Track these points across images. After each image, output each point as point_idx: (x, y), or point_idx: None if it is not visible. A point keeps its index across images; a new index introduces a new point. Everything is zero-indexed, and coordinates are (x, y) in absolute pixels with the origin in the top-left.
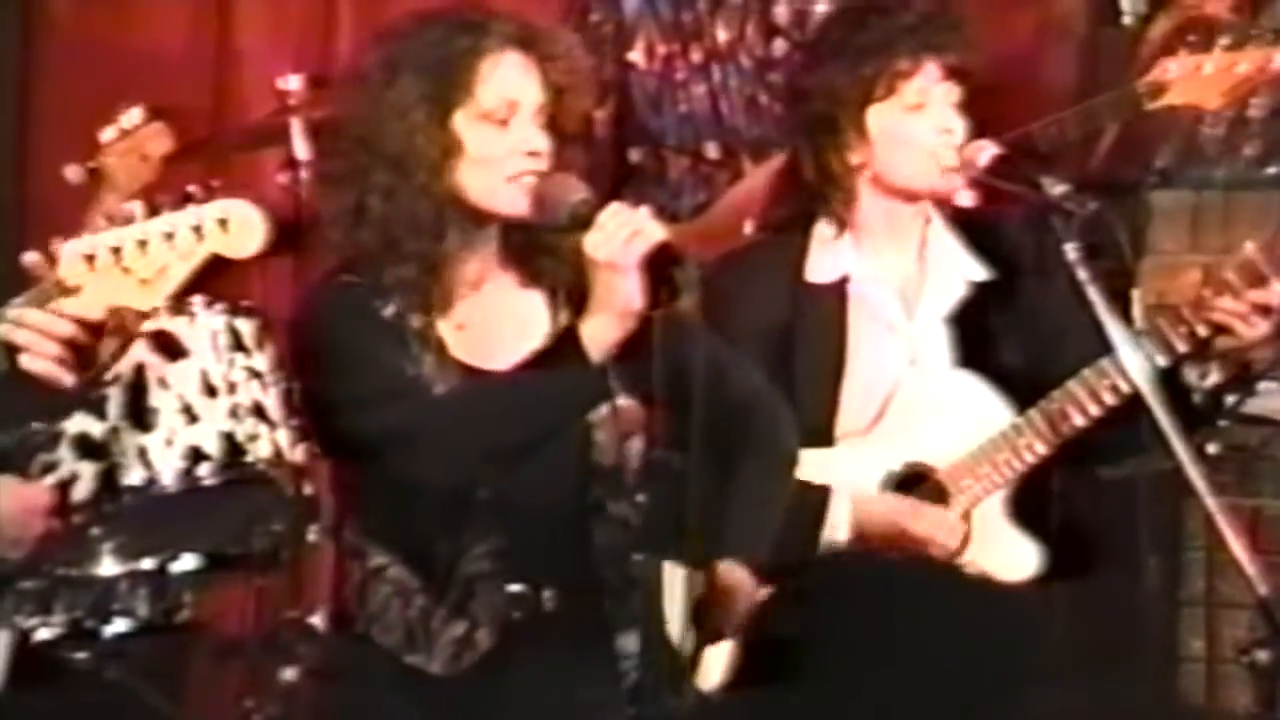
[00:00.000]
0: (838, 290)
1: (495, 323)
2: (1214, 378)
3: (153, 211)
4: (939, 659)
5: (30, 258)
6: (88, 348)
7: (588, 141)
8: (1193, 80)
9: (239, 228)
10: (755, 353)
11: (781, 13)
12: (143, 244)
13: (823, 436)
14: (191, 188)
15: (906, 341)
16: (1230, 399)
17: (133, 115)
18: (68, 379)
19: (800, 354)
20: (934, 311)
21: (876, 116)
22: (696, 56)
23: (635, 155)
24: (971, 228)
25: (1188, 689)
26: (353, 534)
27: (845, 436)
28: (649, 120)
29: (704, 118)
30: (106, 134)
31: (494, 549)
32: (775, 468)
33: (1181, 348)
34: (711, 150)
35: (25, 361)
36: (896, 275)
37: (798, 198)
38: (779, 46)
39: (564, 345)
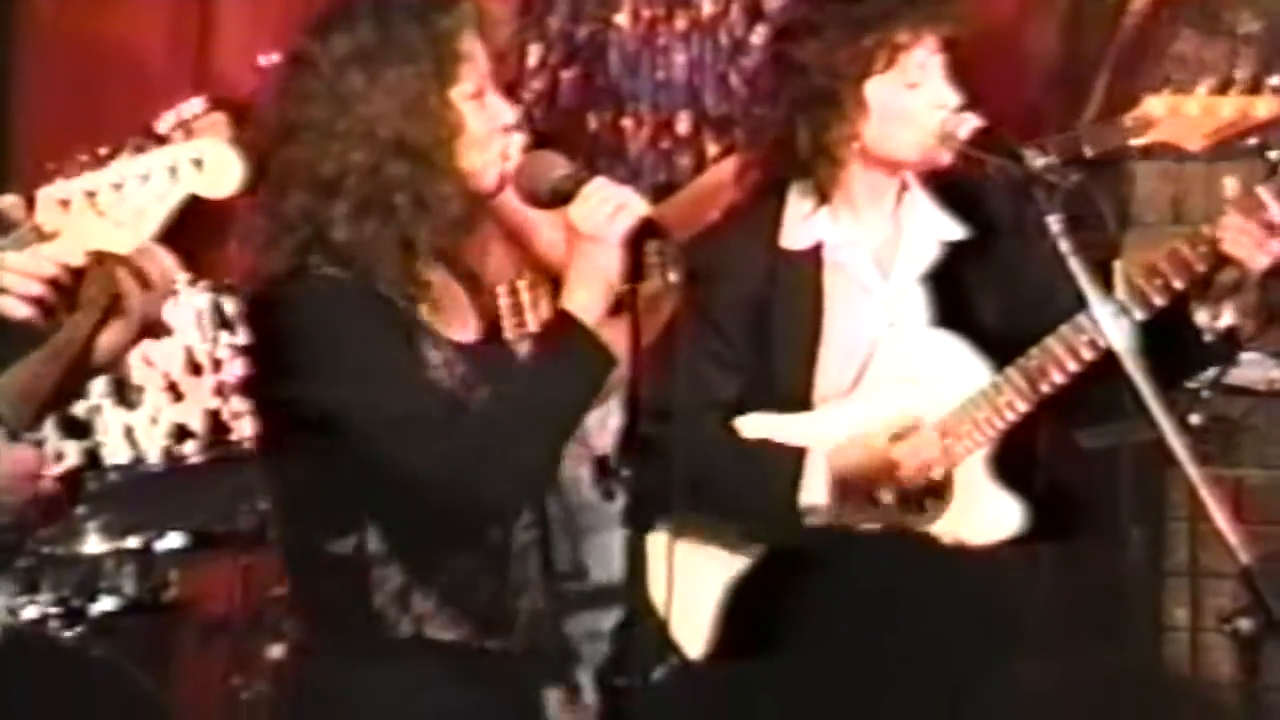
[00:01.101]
0: (813, 256)
1: (455, 294)
2: (1228, 319)
3: (129, 152)
4: (924, 630)
5: (7, 200)
6: (69, 291)
7: (550, 104)
8: (1176, 120)
9: (215, 167)
10: (732, 322)
11: (770, 3)
12: (118, 186)
13: (801, 401)
14: (163, 128)
15: (883, 303)
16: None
17: (193, 104)
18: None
19: (777, 321)
20: (909, 272)
21: (875, 89)
22: (680, 24)
23: (593, 123)
24: (945, 188)
25: (1171, 658)
26: (379, 540)
27: (825, 399)
28: (623, 83)
29: (679, 87)
30: (164, 123)
31: (533, 517)
32: None
33: (1158, 300)
34: (682, 122)
35: (5, 305)
36: (871, 238)
37: (775, 171)
38: (759, 33)
39: (565, 327)
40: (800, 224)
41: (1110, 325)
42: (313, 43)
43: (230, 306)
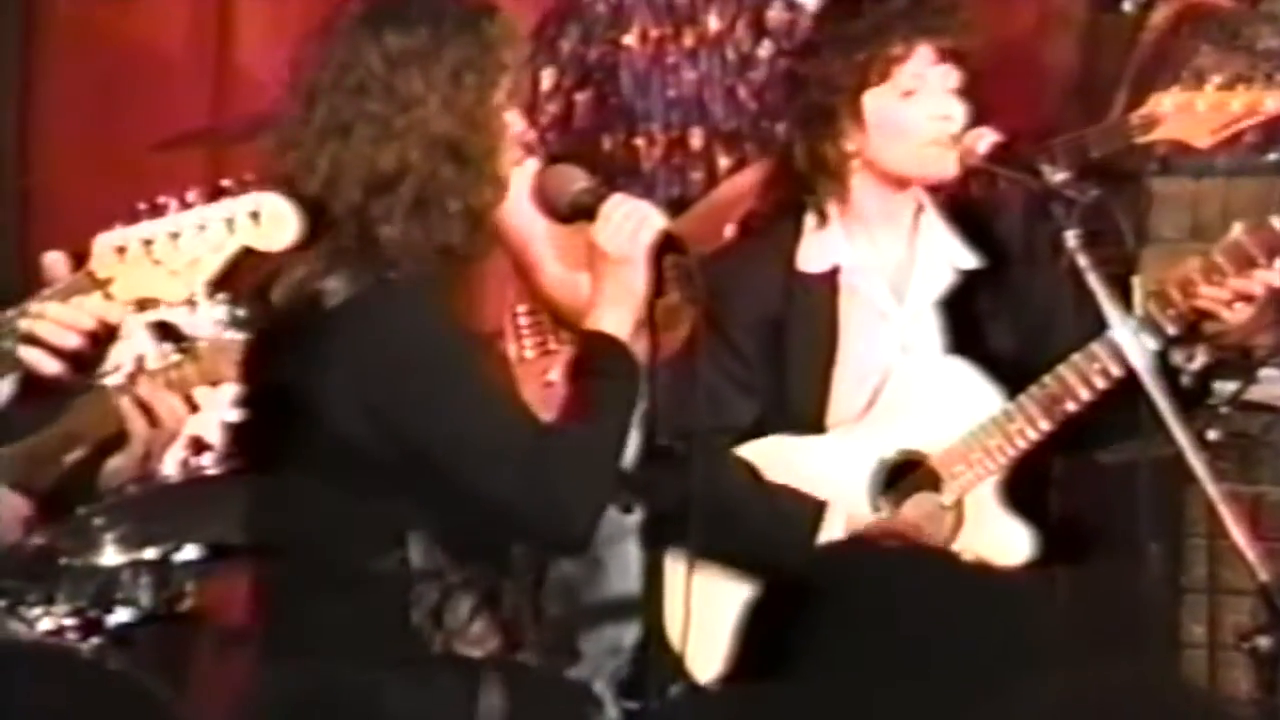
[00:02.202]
0: (829, 280)
1: None
2: (1200, 360)
3: (185, 204)
4: (939, 649)
5: (50, 256)
6: (103, 345)
7: (565, 127)
8: (1185, 117)
9: (271, 221)
10: (749, 342)
11: (774, 16)
12: (175, 236)
13: (814, 426)
14: (225, 181)
15: (898, 328)
16: (1224, 383)
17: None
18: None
19: (792, 344)
20: (924, 297)
21: (872, 102)
22: (688, 41)
23: (608, 143)
24: (963, 215)
25: (1189, 675)
26: (421, 555)
27: (837, 424)
28: (635, 103)
29: (691, 104)
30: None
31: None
32: None
33: (1171, 330)
34: (695, 138)
35: (36, 359)
36: (887, 262)
37: (788, 188)
38: (765, 47)
39: (605, 347)
40: (816, 246)
41: (1129, 341)
42: (362, 38)
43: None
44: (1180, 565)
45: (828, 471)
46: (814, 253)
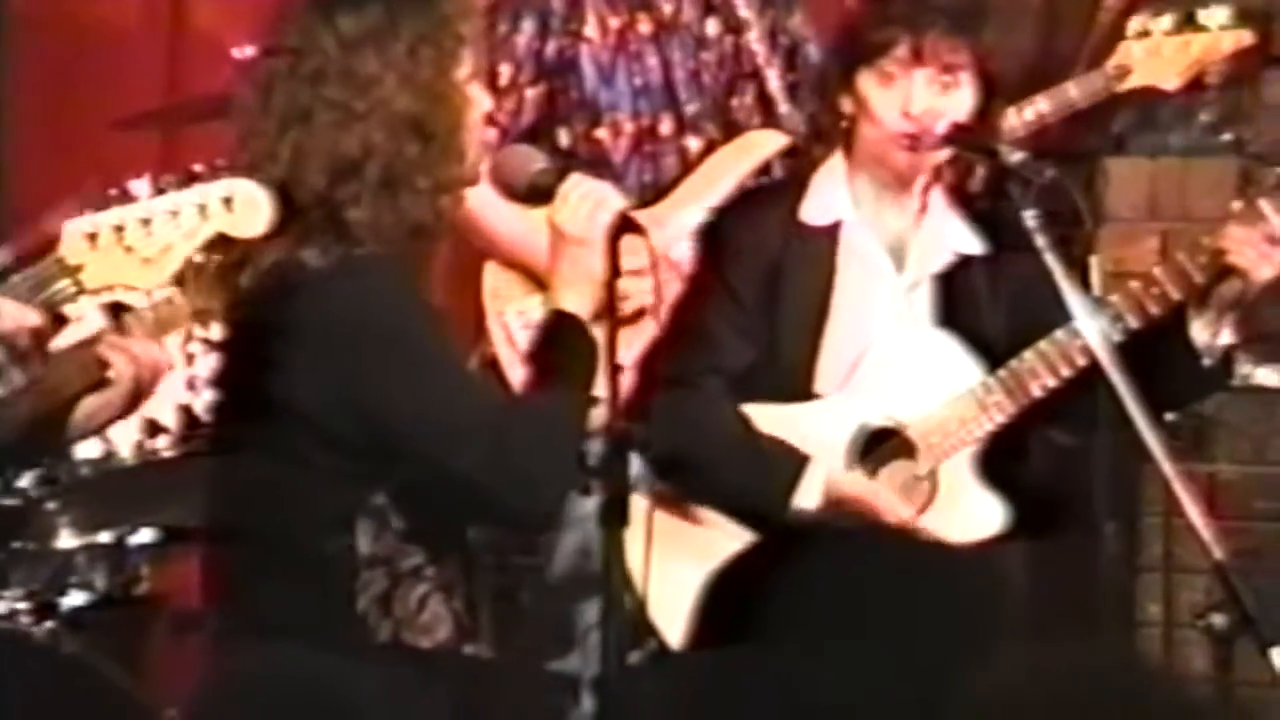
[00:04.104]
0: (830, 233)
1: None
2: (1226, 338)
3: (158, 190)
4: (902, 622)
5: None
6: (32, 349)
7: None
8: (1153, 61)
9: (244, 207)
10: (745, 289)
11: None
12: (146, 222)
13: (803, 376)
14: (197, 166)
15: (893, 292)
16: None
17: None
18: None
19: (788, 291)
20: (922, 268)
21: (863, 80)
22: (646, 28)
23: (565, 138)
24: (968, 204)
25: (1145, 653)
26: (369, 542)
27: (828, 376)
28: (599, 94)
29: (658, 90)
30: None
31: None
32: None
33: (1154, 310)
34: (665, 124)
35: None
36: (889, 228)
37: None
38: (711, 25)
39: (568, 327)
40: (822, 199)
41: (1086, 320)
42: (315, 23)
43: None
44: (1136, 544)
45: (809, 435)
46: (817, 206)
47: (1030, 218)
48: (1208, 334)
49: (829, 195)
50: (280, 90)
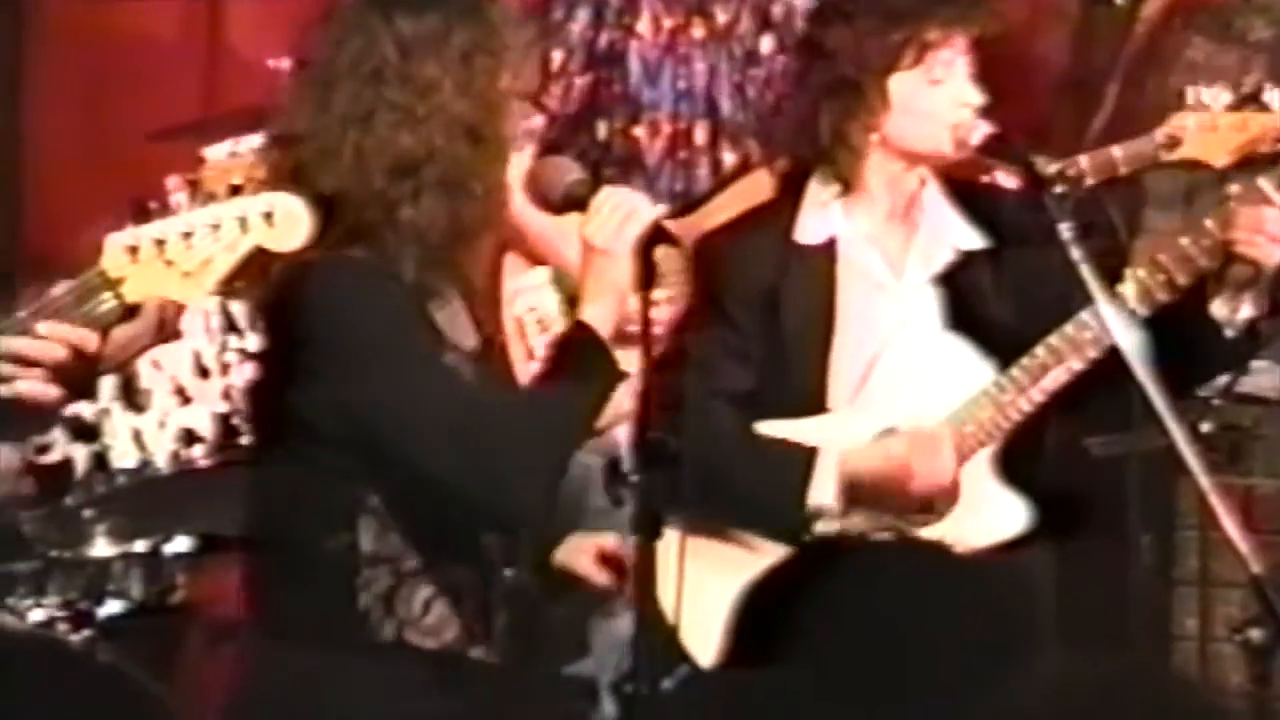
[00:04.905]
0: (826, 251)
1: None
2: (1247, 310)
3: (198, 203)
4: (933, 637)
5: None
6: (83, 370)
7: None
8: (1205, 136)
9: (284, 221)
10: (744, 313)
11: (777, 11)
12: (187, 235)
13: (815, 397)
14: (237, 179)
15: (895, 301)
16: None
17: (252, 140)
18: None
19: (788, 314)
20: (922, 272)
21: (899, 84)
22: (698, 33)
23: (603, 130)
24: (966, 197)
25: (1181, 667)
26: (372, 540)
27: (838, 396)
28: (642, 91)
29: (699, 96)
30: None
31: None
32: None
33: (1161, 296)
34: (700, 132)
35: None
36: (886, 236)
37: (802, 154)
38: (768, 43)
39: (583, 338)
40: (815, 218)
41: (1119, 328)
42: (375, 23)
43: (239, 309)
44: (1172, 557)
45: (827, 448)
46: (811, 225)
47: (1065, 230)
48: (1227, 310)
49: (822, 213)
50: (341, 90)
